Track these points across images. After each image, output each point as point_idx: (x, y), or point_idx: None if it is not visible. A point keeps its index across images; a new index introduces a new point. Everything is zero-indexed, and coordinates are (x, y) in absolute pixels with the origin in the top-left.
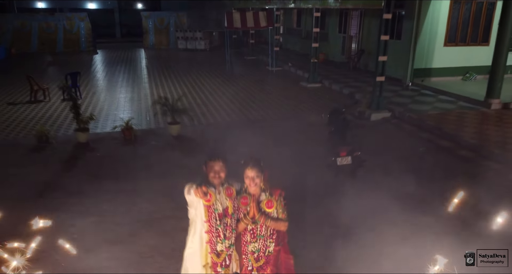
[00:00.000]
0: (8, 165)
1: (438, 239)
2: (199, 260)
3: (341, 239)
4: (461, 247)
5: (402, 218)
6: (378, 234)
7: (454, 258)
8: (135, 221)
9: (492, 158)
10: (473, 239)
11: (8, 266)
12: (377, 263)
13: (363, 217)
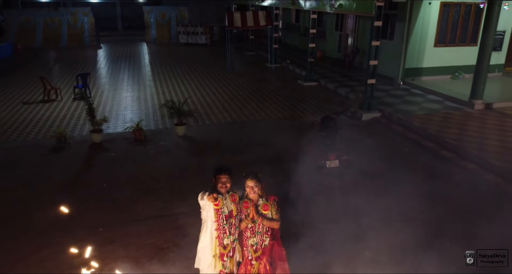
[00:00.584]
0: (31, 166)
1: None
2: (210, 252)
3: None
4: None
5: (373, 210)
6: (355, 221)
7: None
8: (151, 217)
9: (469, 159)
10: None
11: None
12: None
13: (343, 212)
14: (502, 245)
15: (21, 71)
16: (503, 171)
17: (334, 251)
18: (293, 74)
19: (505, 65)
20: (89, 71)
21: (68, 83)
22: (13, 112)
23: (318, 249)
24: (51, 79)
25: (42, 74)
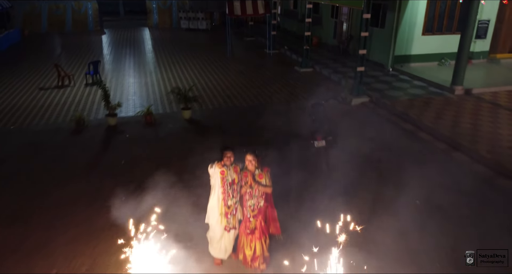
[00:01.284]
0: (56, 147)
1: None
2: (217, 211)
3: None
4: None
5: (348, 178)
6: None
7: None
8: (167, 188)
9: (443, 140)
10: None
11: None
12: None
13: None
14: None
15: (32, 58)
16: (469, 150)
17: (316, 202)
18: (290, 60)
19: (490, 52)
20: (97, 58)
21: (78, 70)
22: (32, 97)
23: (302, 202)
24: (62, 65)
25: (56, 61)
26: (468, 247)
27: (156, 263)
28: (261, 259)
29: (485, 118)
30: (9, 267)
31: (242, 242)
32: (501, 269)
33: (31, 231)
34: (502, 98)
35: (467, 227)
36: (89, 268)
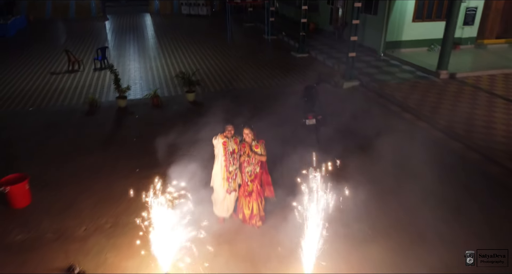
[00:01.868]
0: (73, 126)
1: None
2: (220, 176)
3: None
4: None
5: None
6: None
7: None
8: (174, 161)
9: (424, 120)
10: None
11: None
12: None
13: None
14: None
15: (40, 43)
16: (446, 129)
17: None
18: (288, 46)
19: (477, 38)
20: (103, 44)
21: (86, 55)
22: (45, 81)
23: (291, 167)
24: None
25: (66, 47)
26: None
27: (169, 221)
28: (258, 217)
29: (465, 100)
30: (45, 227)
31: (241, 203)
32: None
33: (60, 195)
34: (484, 82)
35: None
36: (113, 226)
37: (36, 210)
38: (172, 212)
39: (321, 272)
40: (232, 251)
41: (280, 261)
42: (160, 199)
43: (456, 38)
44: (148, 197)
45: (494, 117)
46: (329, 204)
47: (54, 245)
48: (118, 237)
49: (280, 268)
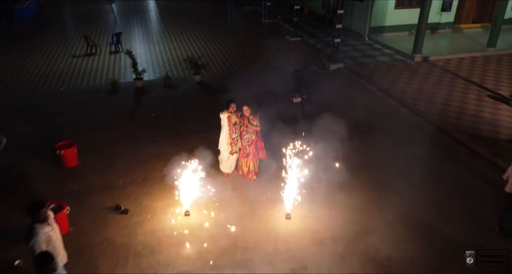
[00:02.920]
0: (99, 103)
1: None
2: (225, 141)
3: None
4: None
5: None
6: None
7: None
8: (187, 132)
9: (394, 98)
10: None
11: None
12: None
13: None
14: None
15: (55, 26)
16: (411, 105)
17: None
18: (283, 30)
19: (454, 23)
20: (115, 29)
21: (100, 39)
22: (68, 63)
23: (279, 136)
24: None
25: (85, 33)
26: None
27: (187, 177)
28: (253, 173)
29: (432, 81)
30: (93, 181)
31: (241, 162)
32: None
33: (100, 158)
34: (452, 64)
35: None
36: (143, 179)
37: (83, 169)
38: (188, 169)
39: (298, 210)
40: (234, 197)
41: (269, 203)
42: (179, 160)
43: (435, 23)
44: (169, 159)
45: (452, 95)
46: (305, 162)
47: (102, 192)
48: (148, 187)
49: (269, 207)
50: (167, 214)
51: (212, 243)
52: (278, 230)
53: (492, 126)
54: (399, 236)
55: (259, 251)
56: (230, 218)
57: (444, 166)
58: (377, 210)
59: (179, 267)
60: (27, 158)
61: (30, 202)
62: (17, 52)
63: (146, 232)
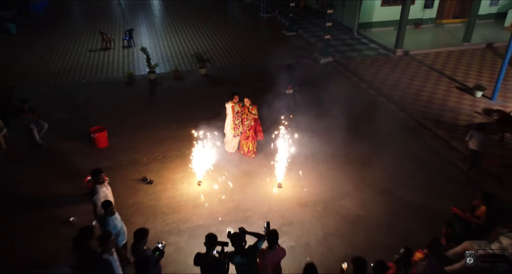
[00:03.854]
0: (118, 94)
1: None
2: (229, 126)
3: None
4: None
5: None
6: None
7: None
8: (195, 118)
9: (374, 88)
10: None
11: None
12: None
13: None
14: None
15: (69, 21)
16: (388, 95)
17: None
18: (280, 24)
19: (436, 18)
20: (126, 25)
21: (113, 34)
22: (87, 57)
23: (274, 121)
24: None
25: (100, 29)
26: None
27: (199, 154)
28: (252, 152)
29: (409, 73)
30: (121, 158)
31: (242, 143)
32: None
33: (125, 140)
34: (429, 58)
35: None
36: (163, 157)
37: (113, 149)
38: (199, 148)
39: (287, 180)
40: (237, 170)
41: (265, 175)
42: (191, 141)
43: (418, 19)
44: (182, 140)
45: (424, 86)
46: (293, 142)
47: (129, 167)
48: (167, 163)
49: (265, 178)
50: (183, 184)
51: (220, 205)
52: (271, 196)
53: (454, 113)
54: (366, 200)
55: (256, 211)
56: (234, 187)
57: (411, 145)
58: (351, 180)
59: (195, 222)
60: (65, 140)
61: (93, 169)
62: (39, 45)
63: (168, 197)
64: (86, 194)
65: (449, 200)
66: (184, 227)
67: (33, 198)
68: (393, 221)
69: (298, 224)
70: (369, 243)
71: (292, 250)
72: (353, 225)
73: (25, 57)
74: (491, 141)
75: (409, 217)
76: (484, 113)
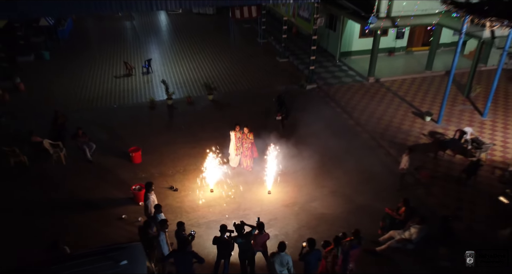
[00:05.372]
0: (143, 117)
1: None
2: (233, 147)
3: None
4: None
5: (293, 129)
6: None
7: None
8: (206, 138)
9: (347, 112)
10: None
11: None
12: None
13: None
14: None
15: (93, 46)
16: (356, 119)
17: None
18: (274, 50)
19: (407, 47)
20: (144, 54)
21: (132, 62)
22: (114, 83)
23: (266, 141)
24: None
25: (124, 59)
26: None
27: (210, 168)
28: (250, 167)
29: (377, 99)
30: (153, 171)
31: (242, 160)
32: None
33: (154, 157)
34: (396, 85)
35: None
36: (184, 170)
37: (145, 164)
38: (211, 163)
39: (275, 188)
40: (238, 180)
41: (259, 184)
42: (205, 157)
43: (391, 48)
44: (197, 156)
45: (387, 111)
46: (279, 159)
47: (159, 178)
48: (187, 175)
49: (259, 186)
50: (201, 191)
51: (226, 206)
52: (263, 199)
53: (405, 135)
54: (329, 202)
55: (252, 210)
56: (236, 193)
57: (368, 160)
58: (319, 188)
59: (209, 218)
60: (109, 157)
61: (146, 182)
62: (69, 72)
63: (190, 201)
64: (131, 198)
65: (387, 202)
66: (202, 222)
67: (94, 201)
68: (348, 217)
69: (281, 219)
70: (329, 233)
71: (276, 237)
72: (319, 220)
73: (61, 83)
74: (427, 158)
75: (359, 214)
76: (428, 135)
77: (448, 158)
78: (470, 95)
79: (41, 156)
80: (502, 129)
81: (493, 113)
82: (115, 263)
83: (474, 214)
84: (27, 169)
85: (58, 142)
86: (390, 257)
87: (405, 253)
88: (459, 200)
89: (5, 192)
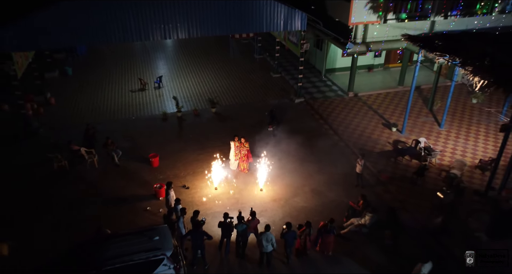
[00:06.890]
0: (157, 128)
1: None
2: (232, 154)
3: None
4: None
5: (282, 142)
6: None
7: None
8: (212, 146)
9: (328, 124)
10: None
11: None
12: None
13: (274, 144)
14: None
15: (107, 64)
16: (335, 129)
17: (264, 144)
18: (269, 66)
19: (384, 63)
20: (154, 70)
21: (144, 77)
22: (130, 97)
23: (260, 147)
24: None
25: (139, 76)
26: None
27: (215, 170)
28: (246, 169)
29: (354, 112)
30: (168, 173)
31: (240, 164)
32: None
33: (169, 161)
34: (371, 99)
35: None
36: (193, 172)
37: (162, 167)
38: (215, 167)
39: (266, 187)
40: (237, 181)
41: (253, 184)
42: (210, 162)
43: (370, 64)
44: (204, 161)
45: (361, 123)
46: (270, 163)
47: (174, 179)
48: (197, 176)
49: (253, 185)
50: (207, 189)
51: (227, 201)
52: (256, 195)
53: (374, 143)
54: (309, 197)
55: (248, 204)
56: (235, 190)
57: (342, 165)
58: (301, 186)
59: (214, 209)
60: (132, 162)
61: (167, 182)
62: (91, 87)
63: (199, 196)
64: (153, 194)
65: (352, 197)
66: (209, 212)
67: (123, 197)
68: (322, 209)
69: (270, 211)
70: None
71: (265, 223)
72: (300, 211)
73: (85, 97)
74: (389, 162)
75: (331, 207)
76: (392, 143)
77: (406, 162)
78: (433, 108)
79: (77, 161)
80: (454, 138)
81: (449, 124)
82: (149, 239)
83: (418, 207)
84: (68, 172)
85: (92, 149)
86: (350, 238)
87: (361, 234)
88: (409, 196)
89: (53, 190)
